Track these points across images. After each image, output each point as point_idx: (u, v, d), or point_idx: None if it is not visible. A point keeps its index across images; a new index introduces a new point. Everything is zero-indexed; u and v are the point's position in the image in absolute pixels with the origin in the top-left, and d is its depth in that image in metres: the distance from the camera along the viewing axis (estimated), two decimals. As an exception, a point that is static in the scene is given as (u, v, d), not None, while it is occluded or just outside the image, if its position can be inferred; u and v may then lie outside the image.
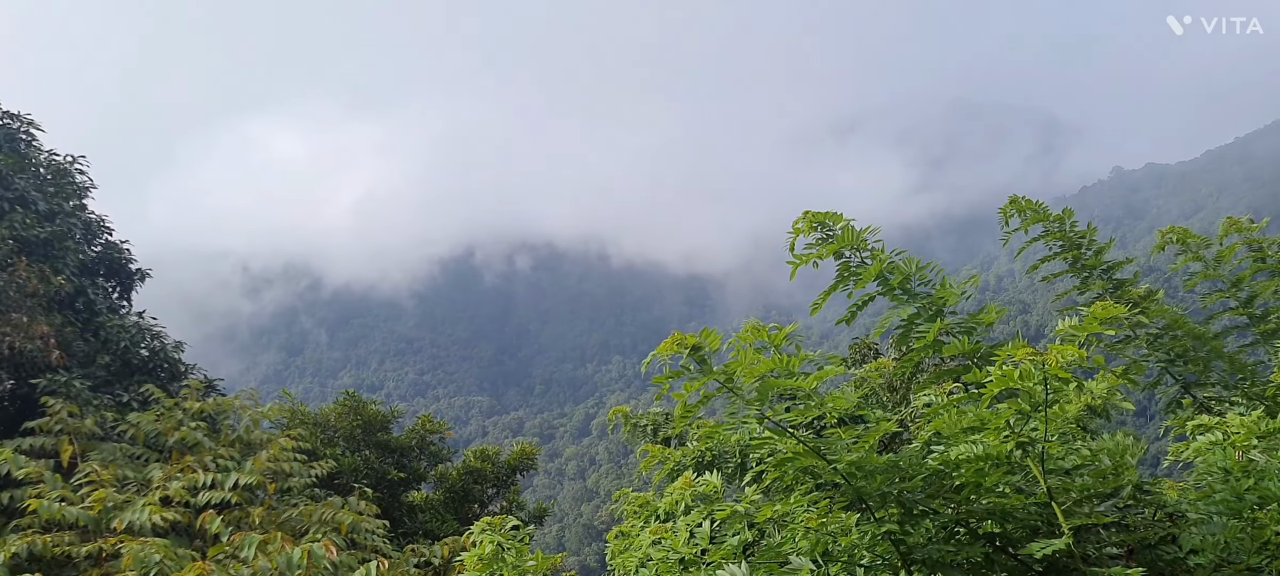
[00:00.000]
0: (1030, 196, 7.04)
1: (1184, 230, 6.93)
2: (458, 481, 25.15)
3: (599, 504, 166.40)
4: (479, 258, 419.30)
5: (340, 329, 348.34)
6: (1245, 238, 6.84)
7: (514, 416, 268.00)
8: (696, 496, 5.32)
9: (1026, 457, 4.37)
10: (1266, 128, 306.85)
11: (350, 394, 25.61)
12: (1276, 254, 6.83)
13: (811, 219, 4.60)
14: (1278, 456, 4.60)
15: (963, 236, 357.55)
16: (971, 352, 4.50)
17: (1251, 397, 6.31)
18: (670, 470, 7.83)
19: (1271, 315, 6.88)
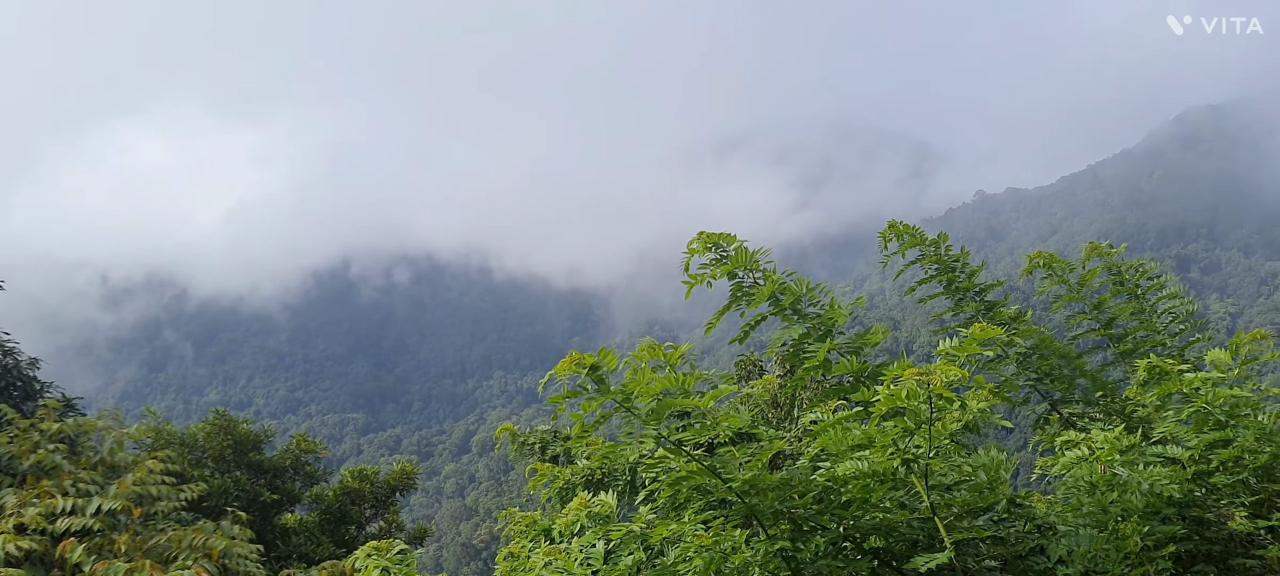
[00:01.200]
0: (901, 217, 7.30)
1: (1050, 255, 7.31)
2: (334, 502, 24.36)
3: (478, 522, 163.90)
4: (356, 270, 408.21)
5: (207, 343, 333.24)
6: (1105, 262, 7.27)
7: (391, 434, 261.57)
8: (591, 516, 5.29)
9: (910, 474, 4.51)
10: (1114, 156, 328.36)
11: (220, 412, 24.52)
12: (1133, 277, 7.28)
13: (706, 239, 4.66)
14: (1138, 470, 4.88)
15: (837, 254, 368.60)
16: (859, 372, 4.62)
17: (1112, 414, 6.70)
18: (558, 489, 7.76)
19: (1129, 336, 7.33)
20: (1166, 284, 7.56)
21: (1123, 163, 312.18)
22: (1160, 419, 5.99)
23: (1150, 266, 7.56)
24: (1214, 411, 5.54)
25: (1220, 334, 7.73)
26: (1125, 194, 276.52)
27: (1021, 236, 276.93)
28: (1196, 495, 5.64)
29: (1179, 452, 5.71)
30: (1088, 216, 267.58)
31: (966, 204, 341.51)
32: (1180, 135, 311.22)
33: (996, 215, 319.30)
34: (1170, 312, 7.49)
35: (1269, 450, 5.50)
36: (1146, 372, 6.06)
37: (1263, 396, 5.83)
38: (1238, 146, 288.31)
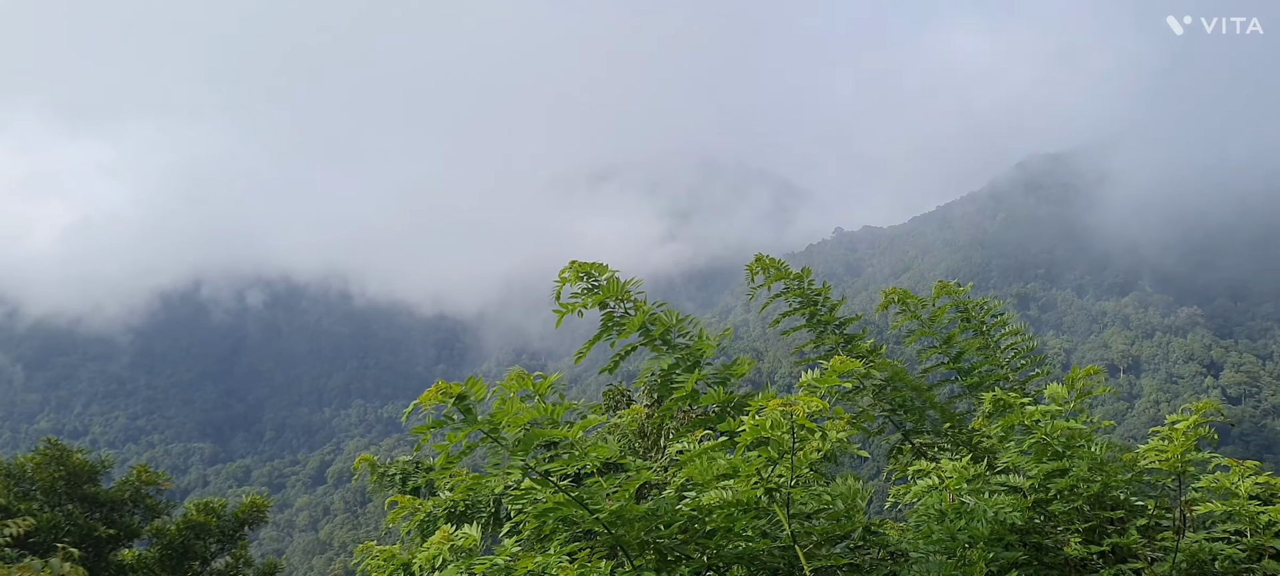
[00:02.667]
0: (765, 251, 7.51)
1: (904, 291, 7.64)
2: (177, 537, 23.00)
3: (332, 556, 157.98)
4: (207, 292, 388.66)
5: (40, 366, 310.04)
6: (954, 299, 7.65)
7: (240, 464, 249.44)
8: (454, 550, 5.16)
9: (773, 503, 4.61)
10: (962, 199, 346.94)
11: (51, 441, 22.84)
12: (979, 315, 7.68)
13: (578, 268, 4.65)
14: (984, 498, 5.13)
15: (703, 286, 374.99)
16: (726, 402, 4.70)
17: (959, 444, 7.04)
18: (419, 521, 7.56)
19: (975, 369, 7.72)
20: (1009, 321, 8.01)
21: (969, 205, 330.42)
22: (1004, 449, 6.32)
23: (995, 304, 8.00)
24: (1052, 442, 5.89)
25: (1056, 369, 8.22)
26: (972, 234, 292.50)
27: (876, 272, 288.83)
28: (1036, 522, 5.97)
29: (1021, 481, 6.04)
30: (937, 255, 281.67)
31: (826, 240, 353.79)
32: (1022, 181, 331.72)
33: (853, 251, 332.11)
34: (1013, 348, 7.94)
35: (1100, 479, 5.88)
36: (991, 405, 6.40)
37: (1095, 428, 6.23)
38: (1073, 193, 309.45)
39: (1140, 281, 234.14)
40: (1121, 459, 6.44)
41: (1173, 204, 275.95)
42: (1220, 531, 6.16)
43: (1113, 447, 6.44)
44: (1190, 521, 6.27)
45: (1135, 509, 6.19)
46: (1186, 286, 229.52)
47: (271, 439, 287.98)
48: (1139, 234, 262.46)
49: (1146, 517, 6.12)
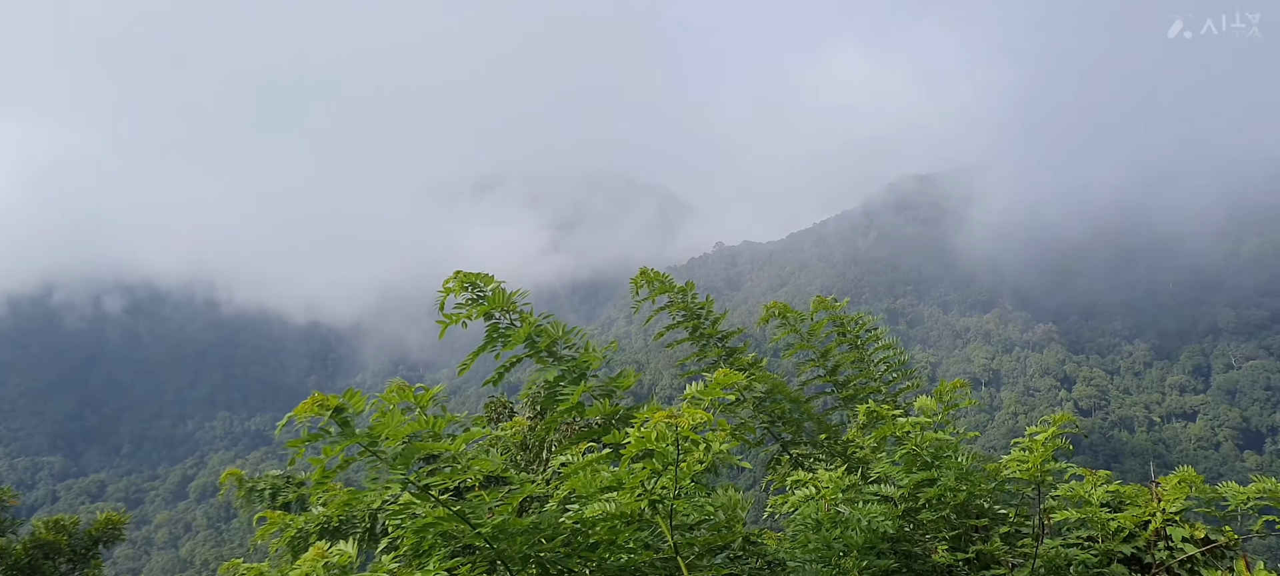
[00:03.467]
0: (647, 264, 7.57)
1: (784, 306, 7.81)
2: (23, 557, 21.51)
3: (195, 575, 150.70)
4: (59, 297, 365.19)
5: None
6: (831, 314, 7.87)
7: (94, 479, 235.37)
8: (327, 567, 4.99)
9: (656, 515, 4.63)
10: (837, 216, 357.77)
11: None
12: (854, 329, 7.93)
13: (463, 278, 4.58)
14: (858, 508, 5.29)
15: (586, 297, 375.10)
16: (611, 414, 4.70)
17: (835, 454, 7.23)
18: (290, 538, 7.29)
19: (850, 382, 7.95)
20: (882, 335, 8.30)
21: (844, 223, 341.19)
22: (877, 459, 6.54)
23: (869, 319, 8.27)
24: (922, 453, 6.12)
25: (924, 381, 8.54)
26: (846, 251, 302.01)
27: (755, 287, 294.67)
28: (906, 530, 6.19)
29: (893, 491, 6.25)
30: (813, 270, 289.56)
31: (707, 254, 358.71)
32: (893, 200, 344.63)
33: (734, 266, 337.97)
34: (885, 361, 8.23)
35: (966, 488, 6.13)
36: (865, 416, 6.60)
37: (961, 439, 6.50)
38: (941, 213, 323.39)
39: (1001, 299, 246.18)
40: (985, 469, 6.73)
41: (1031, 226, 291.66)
42: (1075, 538, 6.52)
43: (977, 458, 6.73)
44: (1048, 528, 6.61)
45: (998, 517, 6.49)
46: (1043, 304, 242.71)
47: (129, 452, 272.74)
48: (1000, 254, 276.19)
49: (1009, 525, 6.42)
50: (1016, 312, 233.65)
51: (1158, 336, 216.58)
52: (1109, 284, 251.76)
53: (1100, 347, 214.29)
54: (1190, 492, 6.68)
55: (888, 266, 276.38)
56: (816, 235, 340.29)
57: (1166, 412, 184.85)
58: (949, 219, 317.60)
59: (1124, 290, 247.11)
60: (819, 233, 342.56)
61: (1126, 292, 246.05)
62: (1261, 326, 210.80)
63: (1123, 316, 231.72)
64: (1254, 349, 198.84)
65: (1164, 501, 6.60)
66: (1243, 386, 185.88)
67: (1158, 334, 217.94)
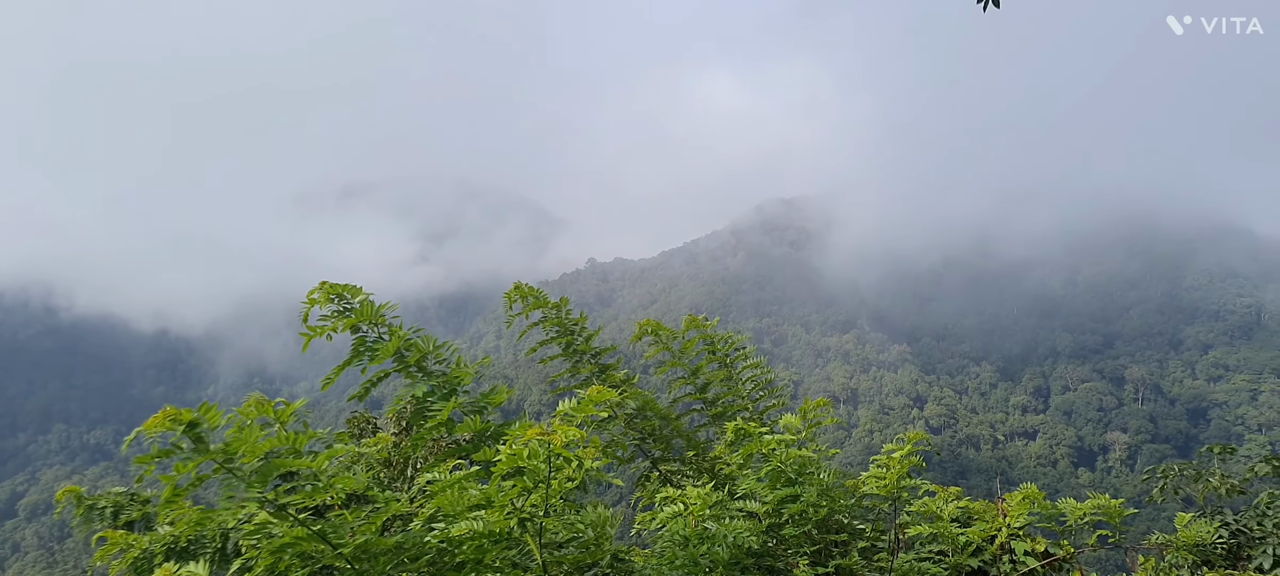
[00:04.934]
0: (519, 279, 7.53)
1: (657, 323, 7.88)
2: None
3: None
4: None
5: None
6: (702, 333, 7.99)
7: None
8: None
9: (525, 532, 4.57)
10: (707, 236, 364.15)
11: None
12: (723, 347, 8.06)
13: (329, 290, 4.42)
14: (724, 524, 5.37)
15: (455, 310, 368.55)
16: (482, 431, 4.62)
17: (703, 471, 7.33)
18: (134, 560, 6.86)
19: (719, 399, 8.08)
20: (750, 354, 8.47)
21: (713, 242, 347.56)
22: (743, 476, 6.65)
23: (737, 338, 8.43)
24: (786, 470, 6.27)
25: (788, 400, 8.76)
26: (715, 270, 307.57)
27: (626, 304, 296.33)
28: (770, 545, 6.32)
29: (757, 507, 6.38)
30: (683, 288, 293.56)
31: (580, 270, 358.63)
32: (760, 222, 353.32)
33: (606, 282, 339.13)
34: (752, 379, 8.40)
35: (827, 504, 6.31)
36: (733, 434, 6.72)
37: (822, 456, 6.70)
38: (806, 235, 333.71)
39: (860, 320, 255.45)
40: (845, 485, 6.96)
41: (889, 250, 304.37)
42: (927, 551, 6.80)
43: (838, 474, 6.95)
44: (903, 543, 6.88)
45: (857, 532, 6.71)
46: (899, 326, 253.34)
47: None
48: (860, 276, 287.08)
49: (866, 540, 6.65)
50: (874, 333, 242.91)
51: (1003, 359, 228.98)
52: (959, 309, 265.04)
53: (950, 368, 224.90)
54: (1032, 508, 7.07)
55: (755, 286, 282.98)
56: (687, 254, 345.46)
57: (1010, 431, 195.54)
58: (813, 241, 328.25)
59: (973, 314, 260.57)
60: (690, 251, 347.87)
61: (975, 316, 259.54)
62: (1095, 351, 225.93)
63: (971, 339, 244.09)
64: (1088, 372, 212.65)
65: (1009, 516, 6.96)
66: (1078, 407, 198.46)
67: (1003, 356, 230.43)
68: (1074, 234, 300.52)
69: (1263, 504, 9.85)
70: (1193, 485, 10.38)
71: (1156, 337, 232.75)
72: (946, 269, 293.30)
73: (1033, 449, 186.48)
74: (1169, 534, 9.27)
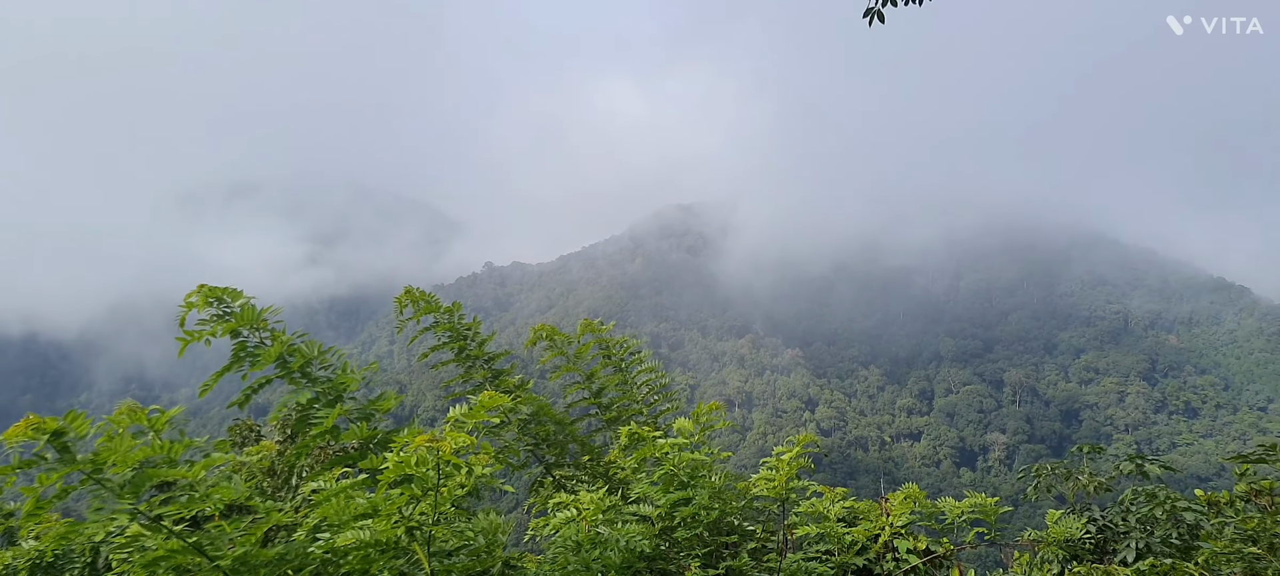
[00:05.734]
0: (413, 282, 7.41)
1: (552, 328, 7.85)
2: None
3: None
4: None
5: None
6: (597, 338, 8.00)
7: None
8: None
9: (413, 541, 4.50)
10: (605, 241, 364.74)
11: None
12: (619, 352, 8.09)
13: (208, 293, 4.26)
14: (617, 528, 5.39)
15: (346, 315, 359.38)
16: (368, 438, 4.53)
17: (597, 476, 7.34)
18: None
19: (614, 404, 8.10)
20: (645, 359, 8.53)
21: (612, 247, 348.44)
22: (637, 480, 6.69)
23: (633, 343, 8.48)
24: (679, 473, 6.33)
25: (683, 404, 8.85)
26: (613, 275, 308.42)
27: (524, 308, 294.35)
28: (662, 549, 6.37)
29: (650, 510, 6.42)
30: (581, 293, 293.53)
31: (477, 274, 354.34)
32: (657, 227, 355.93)
33: (503, 286, 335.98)
34: (647, 384, 8.46)
35: (718, 507, 6.40)
36: (627, 438, 6.75)
37: (715, 459, 6.79)
38: (703, 241, 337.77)
39: (755, 325, 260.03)
40: (737, 487, 7.07)
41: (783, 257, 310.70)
42: (815, 551, 6.97)
43: (730, 477, 7.06)
44: (791, 543, 7.03)
45: (747, 533, 6.82)
46: (792, 330, 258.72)
47: None
48: (755, 281, 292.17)
49: (756, 541, 6.77)
50: (768, 338, 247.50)
51: (890, 362, 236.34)
52: (849, 315, 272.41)
53: (840, 372, 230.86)
54: (914, 507, 7.32)
55: (653, 290, 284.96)
56: (586, 258, 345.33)
57: (896, 432, 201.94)
58: (710, 247, 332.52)
59: (862, 319, 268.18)
60: (588, 256, 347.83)
61: (865, 321, 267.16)
62: (976, 355, 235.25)
63: (861, 343, 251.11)
64: (969, 375, 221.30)
65: (892, 516, 7.19)
66: (960, 409, 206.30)
67: (890, 360, 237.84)
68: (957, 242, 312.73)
69: (1126, 500, 10.41)
70: (1064, 483, 10.87)
71: (1033, 342, 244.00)
72: (838, 275, 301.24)
73: (918, 449, 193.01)
74: (1041, 530, 9.72)
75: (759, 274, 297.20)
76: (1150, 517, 9.67)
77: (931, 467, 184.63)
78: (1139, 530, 9.52)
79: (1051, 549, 9.63)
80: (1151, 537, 9.39)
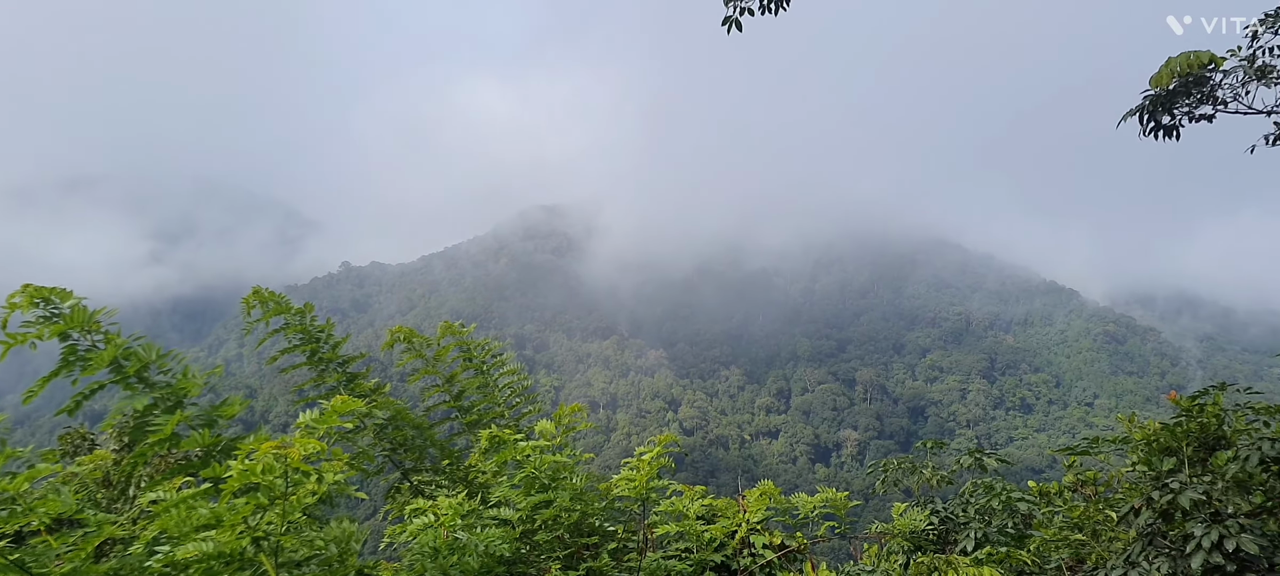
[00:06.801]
0: (265, 282, 7.14)
1: (410, 330, 7.70)
2: None
3: None
4: None
5: None
6: (457, 340, 7.89)
7: None
8: None
9: (260, 552, 4.32)
10: (469, 241, 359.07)
11: None
12: (480, 354, 8.01)
13: (33, 293, 3.98)
14: (476, 533, 5.33)
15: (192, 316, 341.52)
16: (211, 446, 4.33)
17: (457, 480, 7.24)
18: None
19: (475, 407, 8.01)
20: (507, 361, 8.47)
21: (475, 248, 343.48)
22: (497, 484, 6.64)
23: (494, 345, 8.41)
24: (540, 476, 6.32)
25: (547, 406, 8.84)
26: (477, 276, 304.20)
27: (383, 309, 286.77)
28: (523, 552, 6.34)
29: (511, 514, 6.38)
30: (444, 294, 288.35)
31: (333, 274, 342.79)
32: (522, 228, 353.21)
33: (361, 287, 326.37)
34: (510, 387, 8.40)
35: (580, 508, 6.42)
36: (488, 442, 6.69)
37: (577, 461, 6.81)
38: (568, 242, 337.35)
39: (619, 326, 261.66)
40: (598, 488, 7.11)
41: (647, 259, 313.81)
42: (675, 549, 7.08)
43: (592, 478, 7.09)
44: (651, 542, 7.11)
45: (608, 534, 6.86)
46: (656, 332, 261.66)
47: None
48: (619, 283, 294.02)
49: (617, 541, 6.82)
50: (633, 339, 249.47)
51: (750, 362, 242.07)
52: (711, 316, 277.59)
53: (703, 372, 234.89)
54: (770, 503, 7.54)
55: (517, 292, 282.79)
56: (449, 259, 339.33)
57: (755, 431, 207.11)
58: (575, 248, 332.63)
59: (724, 320, 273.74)
60: (451, 256, 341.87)
61: (726, 322, 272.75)
62: (830, 355, 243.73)
63: (722, 344, 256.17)
64: (824, 375, 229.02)
65: (748, 512, 7.38)
66: (815, 407, 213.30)
67: (750, 360, 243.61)
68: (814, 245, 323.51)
69: (966, 493, 11.01)
70: (909, 477, 11.40)
71: (883, 342, 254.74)
72: (701, 276, 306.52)
73: (776, 447, 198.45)
74: (889, 523, 10.17)
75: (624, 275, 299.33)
76: (988, 508, 10.27)
77: (789, 464, 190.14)
78: (978, 520, 10.09)
79: (897, 540, 10.10)
80: (989, 527, 9.97)
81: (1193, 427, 7.29)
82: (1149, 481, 7.35)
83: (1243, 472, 6.63)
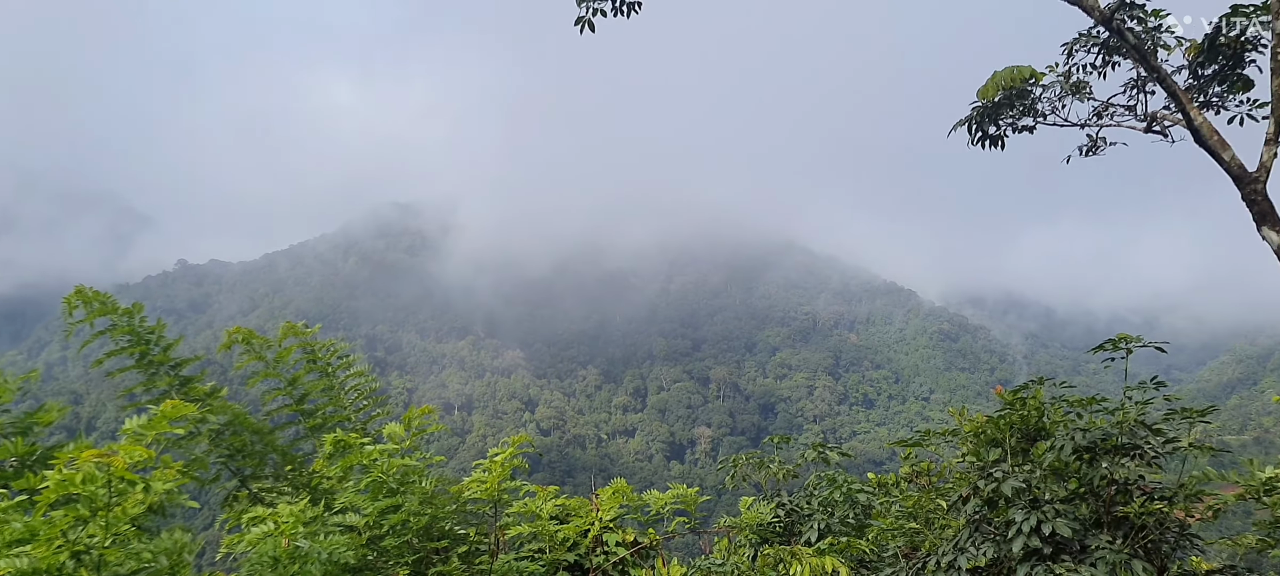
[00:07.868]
0: (95, 282, 6.72)
1: (249, 331, 7.38)
2: None
3: None
4: None
5: None
6: (301, 341, 7.62)
7: None
8: None
9: (81, 567, 4.07)
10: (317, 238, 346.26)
11: None
12: (325, 356, 7.76)
13: None
14: (319, 541, 5.17)
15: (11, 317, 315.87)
16: (26, 455, 4.04)
17: (299, 487, 6.99)
18: None
19: (319, 411, 7.76)
20: (354, 363, 8.24)
21: (323, 245, 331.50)
22: (343, 489, 6.45)
23: (341, 346, 8.16)
24: (388, 480, 6.18)
25: (398, 408, 8.65)
26: (324, 274, 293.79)
27: (223, 309, 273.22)
28: (369, 559, 6.19)
29: (356, 520, 6.22)
30: (289, 293, 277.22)
31: (168, 272, 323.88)
32: (374, 226, 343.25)
33: (199, 286, 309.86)
34: (357, 389, 8.18)
35: (430, 512, 6.32)
36: (332, 446, 6.49)
37: (428, 464, 6.70)
38: (422, 240, 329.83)
39: (475, 326, 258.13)
40: (449, 491, 7.01)
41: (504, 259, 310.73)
42: (527, 550, 7.06)
43: (443, 481, 6.99)
44: (503, 544, 7.07)
45: (459, 537, 6.78)
46: (513, 332, 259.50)
47: None
48: (476, 282, 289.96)
49: (468, 544, 6.75)
50: (489, 340, 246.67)
51: (607, 361, 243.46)
52: (569, 315, 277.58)
53: (560, 372, 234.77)
54: (623, 501, 7.63)
55: (368, 291, 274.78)
56: (294, 256, 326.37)
57: (612, 430, 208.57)
58: (429, 247, 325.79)
59: (581, 320, 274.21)
60: (297, 254, 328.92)
61: (584, 322, 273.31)
62: (685, 354, 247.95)
63: (580, 344, 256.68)
64: (679, 373, 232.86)
65: (601, 510, 7.44)
66: (670, 405, 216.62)
67: (607, 359, 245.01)
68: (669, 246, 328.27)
69: (811, 485, 11.44)
70: (758, 472, 11.73)
71: (735, 341, 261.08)
72: (559, 276, 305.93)
73: (632, 445, 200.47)
74: (737, 517, 10.45)
75: (481, 275, 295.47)
76: (831, 500, 10.70)
77: (645, 462, 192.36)
78: (821, 512, 10.50)
79: (746, 533, 10.39)
80: (831, 519, 10.39)
81: (1015, 420, 7.79)
82: (976, 471, 7.82)
83: (1058, 461, 7.15)
